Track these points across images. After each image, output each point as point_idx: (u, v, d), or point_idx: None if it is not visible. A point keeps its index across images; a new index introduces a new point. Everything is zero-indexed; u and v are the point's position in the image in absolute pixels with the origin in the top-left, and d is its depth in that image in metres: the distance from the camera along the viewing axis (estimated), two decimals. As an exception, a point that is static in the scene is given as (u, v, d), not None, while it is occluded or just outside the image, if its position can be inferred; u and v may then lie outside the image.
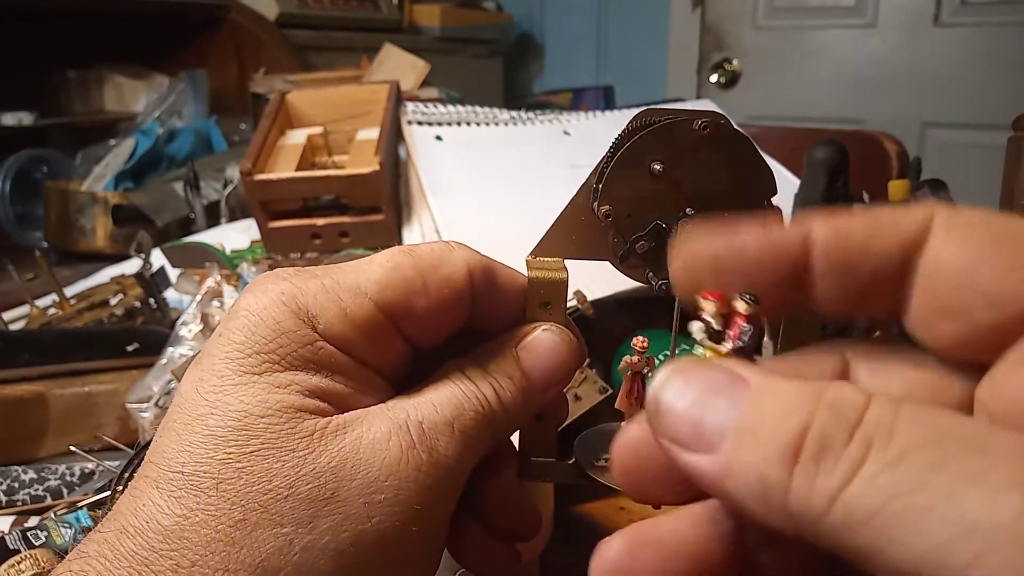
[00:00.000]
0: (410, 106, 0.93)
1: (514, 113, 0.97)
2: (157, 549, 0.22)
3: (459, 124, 0.93)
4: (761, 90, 2.35)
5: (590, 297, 0.61)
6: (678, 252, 0.22)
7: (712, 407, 0.18)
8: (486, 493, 0.29)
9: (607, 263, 0.29)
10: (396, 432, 0.25)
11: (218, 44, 1.85)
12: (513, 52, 2.77)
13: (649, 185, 0.28)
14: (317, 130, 0.87)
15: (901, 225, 0.20)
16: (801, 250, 0.20)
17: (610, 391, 0.49)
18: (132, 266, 0.88)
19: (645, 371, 0.31)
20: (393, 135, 0.86)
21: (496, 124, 0.94)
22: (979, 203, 0.23)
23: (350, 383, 0.26)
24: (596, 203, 0.28)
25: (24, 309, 0.81)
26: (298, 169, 0.78)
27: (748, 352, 0.21)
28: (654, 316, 0.58)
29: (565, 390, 0.31)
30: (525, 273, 0.29)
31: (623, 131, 0.28)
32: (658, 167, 0.27)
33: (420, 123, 0.90)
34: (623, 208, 0.28)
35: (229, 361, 0.25)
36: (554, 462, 0.30)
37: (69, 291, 0.84)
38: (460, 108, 0.96)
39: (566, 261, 0.29)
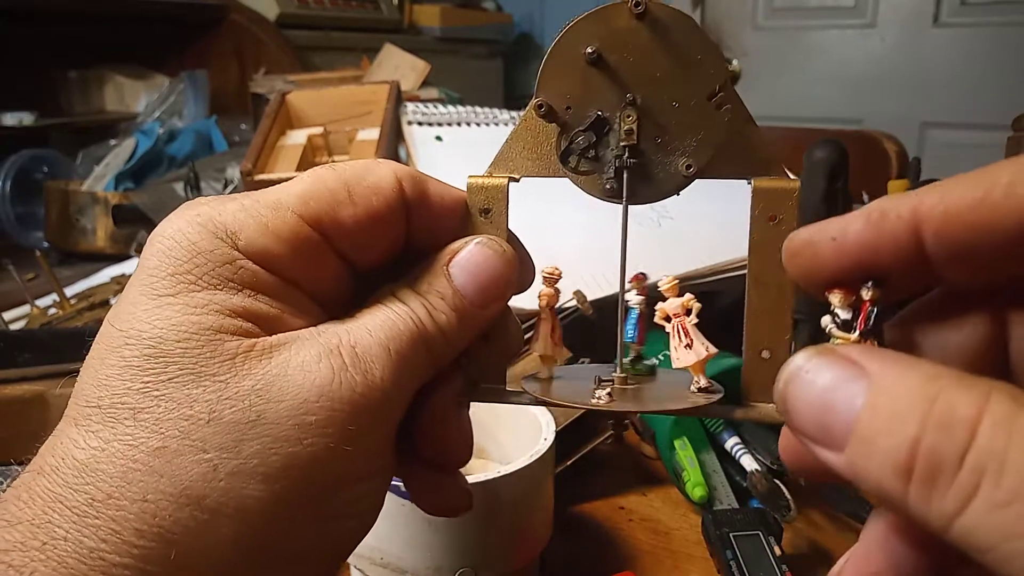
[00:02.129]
0: (410, 106, 0.93)
1: (514, 113, 0.97)
2: (71, 484, 0.21)
3: (459, 124, 0.93)
4: (761, 90, 2.35)
5: (590, 297, 0.61)
6: (786, 246, 0.23)
7: (834, 408, 0.18)
8: (419, 417, 0.27)
9: (607, 265, 0.29)
10: (327, 355, 0.23)
11: (218, 44, 1.85)
12: (513, 52, 2.77)
13: (586, 74, 0.27)
14: (317, 130, 0.87)
15: (1018, 197, 0.19)
16: (910, 238, 0.20)
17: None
18: (132, 266, 0.88)
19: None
20: (393, 135, 0.86)
21: (496, 124, 0.95)
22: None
23: (277, 304, 0.25)
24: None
25: (24, 309, 0.81)
26: (298, 169, 0.78)
27: (878, 333, 0.22)
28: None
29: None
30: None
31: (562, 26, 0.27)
32: (590, 50, 0.26)
33: (420, 123, 0.90)
34: (560, 101, 0.27)
35: (143, 287, 0.24)
36: (502, 388, 0.29)
37: (69, 291, 0.84)
38: (460, 108, 0.96)
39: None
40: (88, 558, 0.20)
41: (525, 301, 0.30)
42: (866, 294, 0.22)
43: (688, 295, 0.28)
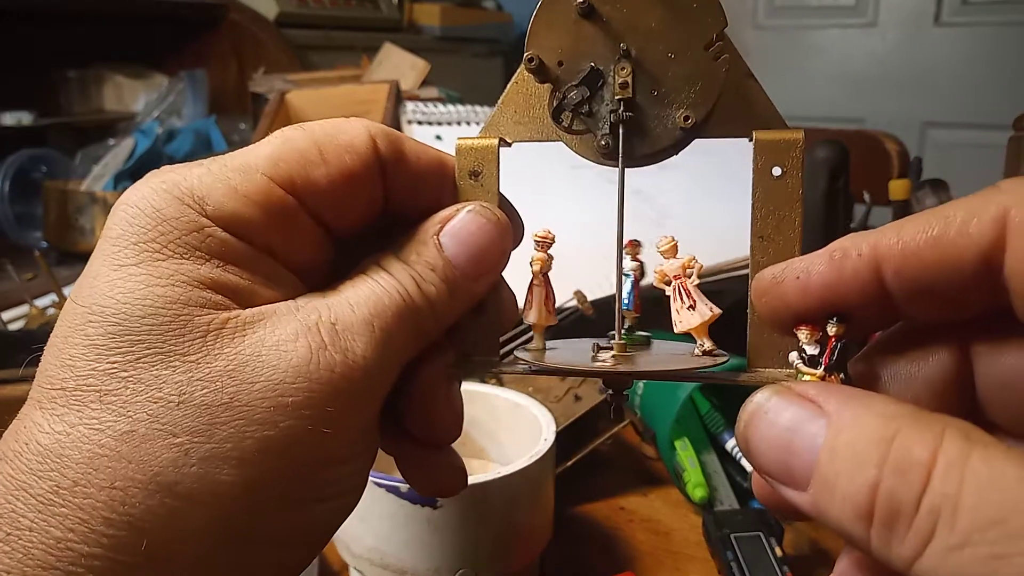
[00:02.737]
0: (410, 105, 0.93)
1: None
2: (35, 471, 0.20)
3: (459, 124, 0.93)
4: (761, 90, 2.35)
5: (590, 297, 0.61)
6: (754, 286, 0.24)
7: (795, 448, 0.19)
8: (406, 393, 0.26)
9: (608, 265, 0.28)
10: (305, 333, 0.22)
11: (218, 44, 1.85)
12: (513, 52, 2.77)
13: (578, 27, 0.26)
14: (317, 130, 0.87)
15: (971, 235, 0.20)
16: (871, 276, 0.21)
17: (610, 391, 0.49)
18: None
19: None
20: (393, 135, 0.86)
21: (496, 124, 0.94)
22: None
23: (249, 274, 0.23)
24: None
25: (23, 309, 0.80)
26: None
27: (843, 367, 0.23)
28: (656, 316, 0.58)
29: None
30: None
31: None
32: (582, 1, 0.25)
33: (420, 123, 0.90)
34: (551, 55, 0.26)
35: (104, 259, 0.22)
36: (496, 359, 0.28)
37: (68, 291, 0.84)
38: (460, 108, 0.96)
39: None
40: (55, 549, 0.20)
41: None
42: (831, 330, 0.23)
43: (688, 255, 0.27)
